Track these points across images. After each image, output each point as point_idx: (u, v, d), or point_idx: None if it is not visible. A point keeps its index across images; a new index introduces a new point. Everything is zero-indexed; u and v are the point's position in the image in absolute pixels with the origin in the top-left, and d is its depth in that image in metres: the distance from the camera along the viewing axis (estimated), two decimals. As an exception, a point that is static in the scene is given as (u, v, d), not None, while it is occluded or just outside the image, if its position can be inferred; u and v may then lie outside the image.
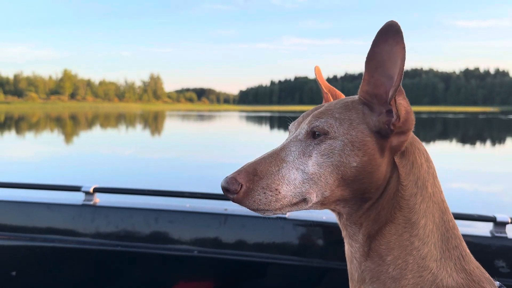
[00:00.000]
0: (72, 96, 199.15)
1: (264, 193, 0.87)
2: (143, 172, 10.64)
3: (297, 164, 0.89)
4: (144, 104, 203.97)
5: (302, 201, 0.89)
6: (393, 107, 0.86)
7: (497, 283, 0.95)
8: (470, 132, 31.39)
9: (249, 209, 0.89)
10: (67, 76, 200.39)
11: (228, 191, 0.87)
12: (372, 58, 0.85)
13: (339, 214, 0.99)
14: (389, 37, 0.81)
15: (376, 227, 0.91)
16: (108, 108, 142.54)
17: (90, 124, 36.78)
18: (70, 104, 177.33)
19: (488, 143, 21.15)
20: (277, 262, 2.01)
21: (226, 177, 0.89)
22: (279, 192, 0.87)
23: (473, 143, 20.81)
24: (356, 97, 0.96)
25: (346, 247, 0.99)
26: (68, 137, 22.25)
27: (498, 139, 23.92)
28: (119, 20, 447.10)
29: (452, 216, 0.94)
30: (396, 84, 0.84)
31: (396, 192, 0.90)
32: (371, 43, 0.84)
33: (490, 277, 0.93)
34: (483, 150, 17.78)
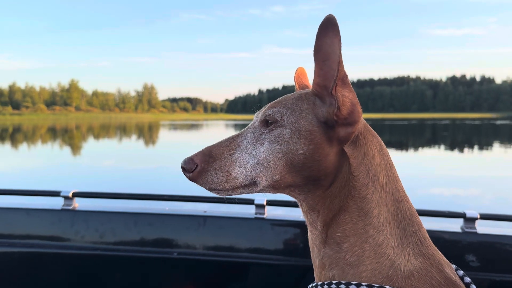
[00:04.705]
0: (76, 107, 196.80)
1: (216, 173, 0.94)
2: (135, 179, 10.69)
3: (250, 149, 0.95)
4: (156, 115, 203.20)
5: (253, 184, 0.95)
6: (334, 97, 0.90)
7: (453, 266, 0.97)
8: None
9: (203, 187, 0.96)
10: (74, 87, 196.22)
11: (185, 170, 0.95)
12: (318, 51, 0.88)
13: (300, 202, 1.03)
14: (329, 30, 0.84)
15: (331, 214, 0.94)
16: (122, 118, 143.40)
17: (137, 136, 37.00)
18: (83, 115, 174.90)
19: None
20: (256, 262, 2.03)
21: (186, 157, 0.96)
22: (230, 174, 0.94)
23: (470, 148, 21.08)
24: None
25: (309, 235, 1.03)
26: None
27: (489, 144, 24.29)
28: (95, 30, 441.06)
29: (410, 205, 0.96)
30: (336, 75, 0.87)
31: (348, 181, 0.93)
32: (316, 36, 0.86)
33: (448, 261, 0.95)
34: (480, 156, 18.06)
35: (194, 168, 0.94)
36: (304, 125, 0.92)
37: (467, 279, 0.94)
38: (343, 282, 0.89)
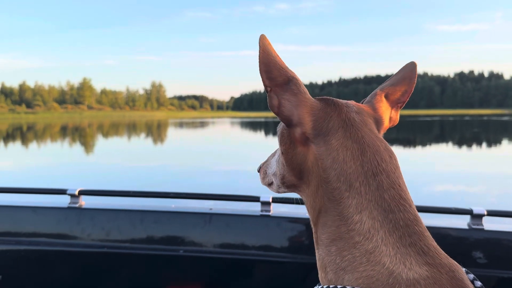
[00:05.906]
0: (87, 105, 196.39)
1: (262, 173, 1.22)
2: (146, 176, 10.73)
3: (277, 154, 1.11)
4: (166, 112, 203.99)
5: (272, 183, 1.15)
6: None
7: (463, 269, 0.91)
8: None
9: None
10: (86, 85, 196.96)
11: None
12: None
13: None
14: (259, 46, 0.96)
15: (315, 214, 0.96)
16: (135, 116, 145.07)
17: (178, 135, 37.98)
18: (96, 113, 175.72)
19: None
20: (262, 259, 2.03)
21: None
22: (266, 173, 1.19)
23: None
24: None
25: None
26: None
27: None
28: (98, 29, 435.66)
29: (404, 214, 0.89)
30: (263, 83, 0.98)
31: (320, 182, 0.94)
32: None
33: (459, 265, 0.90)
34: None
35: (259, 169, 1.23)
36: (280, 129, 1.04)
37: (478, 283, 0.90)
38: (348, 287, 0.87)
